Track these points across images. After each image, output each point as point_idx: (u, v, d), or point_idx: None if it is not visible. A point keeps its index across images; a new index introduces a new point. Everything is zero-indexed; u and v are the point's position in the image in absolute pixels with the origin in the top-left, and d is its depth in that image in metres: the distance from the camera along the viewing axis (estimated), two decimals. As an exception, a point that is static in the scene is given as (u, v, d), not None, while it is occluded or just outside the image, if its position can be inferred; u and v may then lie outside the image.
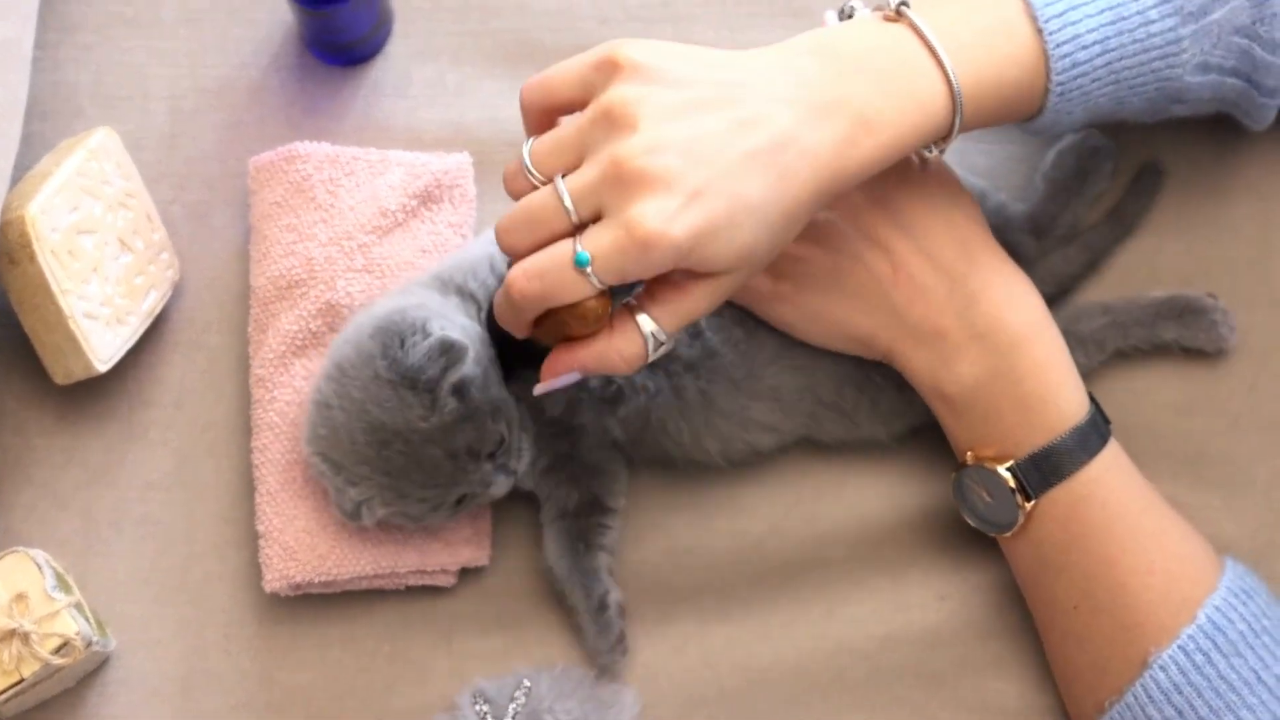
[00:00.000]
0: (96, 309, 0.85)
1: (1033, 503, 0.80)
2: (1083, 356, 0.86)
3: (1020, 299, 0.81)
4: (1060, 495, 0.79)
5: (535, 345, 0.77)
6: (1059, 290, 0.89)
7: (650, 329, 0.73)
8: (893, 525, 0.88)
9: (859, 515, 0.88)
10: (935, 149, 0.77)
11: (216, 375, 0.90)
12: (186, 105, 0.94)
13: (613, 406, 0.84)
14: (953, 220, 0.81)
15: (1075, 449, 0.79)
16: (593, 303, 0.72)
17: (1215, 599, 0.78)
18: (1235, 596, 0.78)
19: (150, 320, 0.89)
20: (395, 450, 0.79)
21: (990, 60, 0.75)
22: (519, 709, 0.83)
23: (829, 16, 0.80)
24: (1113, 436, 0.81)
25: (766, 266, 0.75)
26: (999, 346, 0.80)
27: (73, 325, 0.84)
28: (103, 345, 0.85)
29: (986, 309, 0.80)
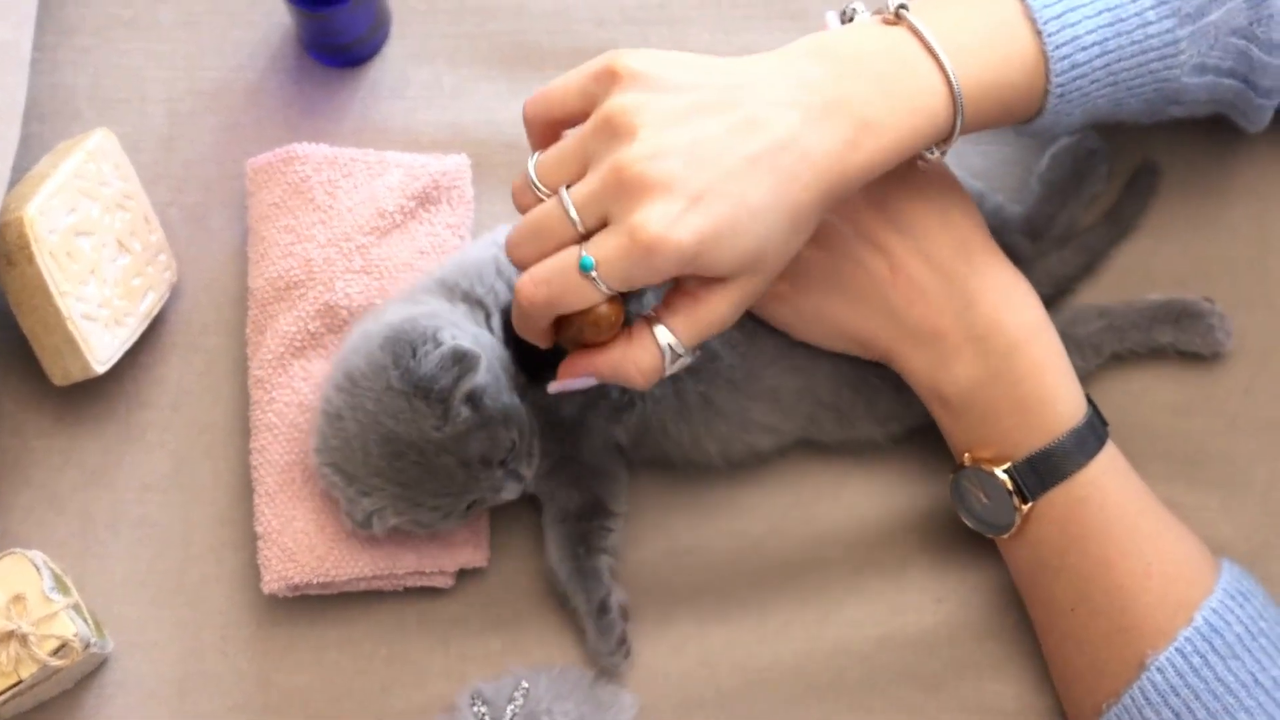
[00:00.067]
0: (94, 310, 0.85)
1: (1030, 504, 0.80)
2: (1079, 360, 0.86)
3: (1019, 301, 0.81)
4: (1057, 497, 0.79)
5: (558, 353, 0.77)
6: (1056, 291, 0.89)
7: (667, 340, 0.74)
8: (891, 527, 0.88)
9: (857, 516, 0.88)
10: (937, 151, 0.77)
11: (214, 377, 0.90)
12: (184, 107, 0.94)
13: (620, 413, 0.84)
14: (951, 221, 0.81)
15: (1073, 451, 0.79)
16: (604, 309, 0.72)
17: (1212, 601, 0.78)
18: (1232, 599, 0.78)
19: (148, 322, 0.89)
20: (409, 460, 0.79)
21: (990, 62, 0.75)
22: (517, 710, 0.83)
23: (830, 17, 0.80)
24: (1110, 438, 0.81)
25: (779, 273, 0.75)
26: (997, 348, 0.80)
27: (71, 327, 0.84)
28: (101, 346, 0.85)
29: (985, 310, 0.80)
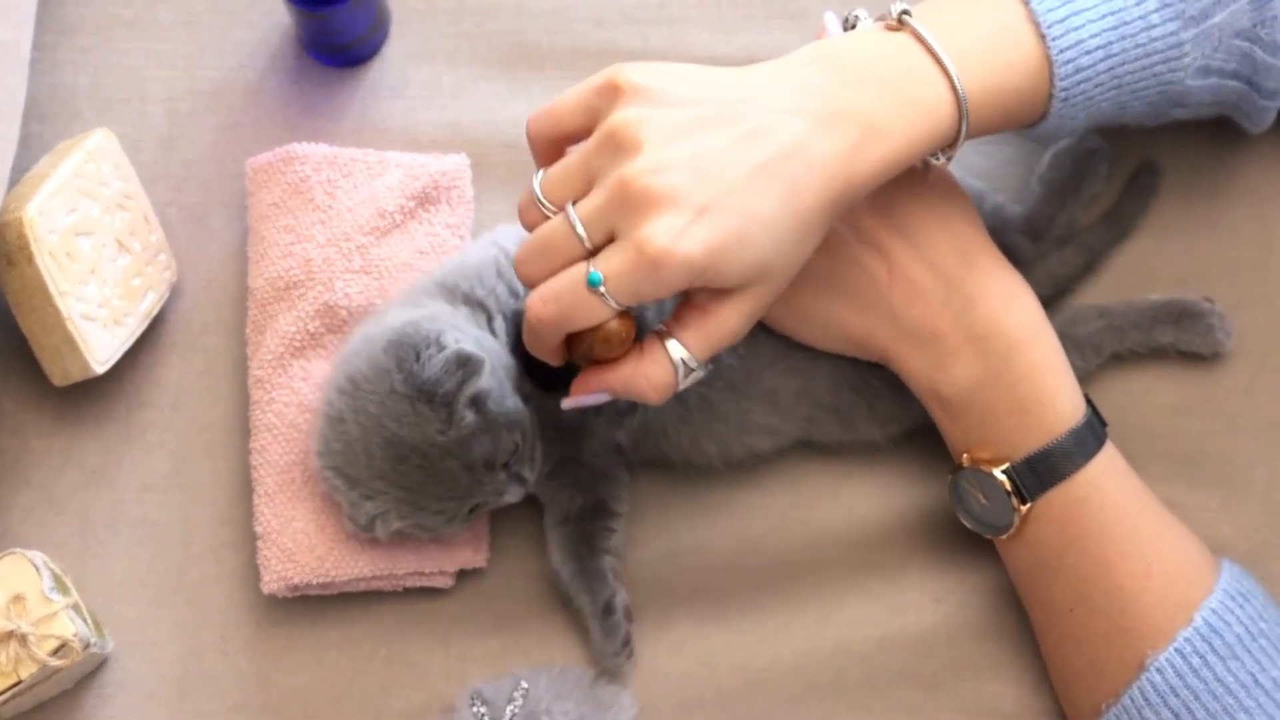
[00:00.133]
0: (94, 310, 0.85)
1: (1028, 505, 0.80)
2: (1079, 360, 0.86)
3: (1017, 302, 0.81)
4: (1056, 498, 0.79)
5: (570, 365, 0.77)
6: (1056, 291, 0.89)
7: (680, 355, 0.73)
8: (889, 527, 0.88)
9: (856, 517, 0.88)
10: (942, 157, 0.77)
11: (214, 377, 0.90)
12: (184, 107, 0.94)
13: (621, 416, 0.84)
14: (950, 223, 0.81)
15: (1072, 451, 0.79)
16: (614, 325, 0.72)
17: (1212, 602, 0.78)
18: (1232, 599, 0.78)
19: (148, 322, 0.89)
20: (412, 464, 0.79)
21: (995, 67, 0.75)
22: (516, 710, 0.83)
23: (828, 17, 0.80)
24: (1109, 438, 0.81)
25: (790, 282, 0.74)
26: (995, 349, 0.80)
27: (70, 327, 0.84)
28: (100, 347, 0.85)
29: (983, 311, 0.80)
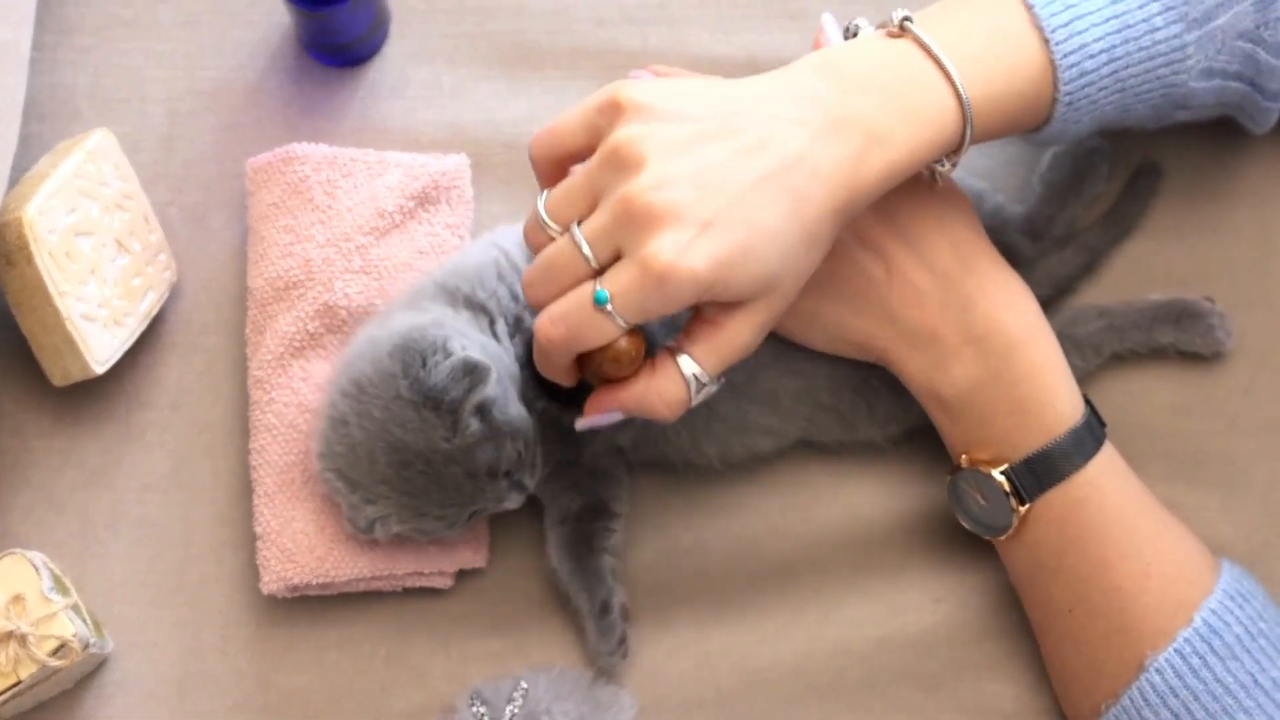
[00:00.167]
0: (94, 310, 0.85)
1: (1027, 506, 0.80)
2: (1079, 360, 0.86)
3: (1015, 303, 0.81)
4: (1055, 498, 0.79)
5: (585, 387, 0.77)
6: (1057, 291, 0.89)
7: (692, 370, 0.73)
8: (889, 527, 0.88)
9: (855, 518, 0.88)
10: (947, 164, 0.77)
11: (214, 377, 0.90)
12: (184, 107, 0.93)
13: (626, 421, 0.84)
14: (948, 224, 0.81)
15: (1070, 452, 0.79)
16: (624, 343, 0.72)
17: (1211, 602, 0.78)
18: (1232, 599, 0.78)
19: (148, 322, 0.89)
20: (415, 470, 0.79)
21: (998, 72, 0.75)
22: (516, 710, 0.83)
23: (826, 19, 0.79)
24: (1108, 439, 0.81)
25: (799, 291, 0.74)
26: (994, 350, 0.80)
27: (70, 327, 0.84)
28: (100, 347, 0.85)
29: (982, 312, 0.80)
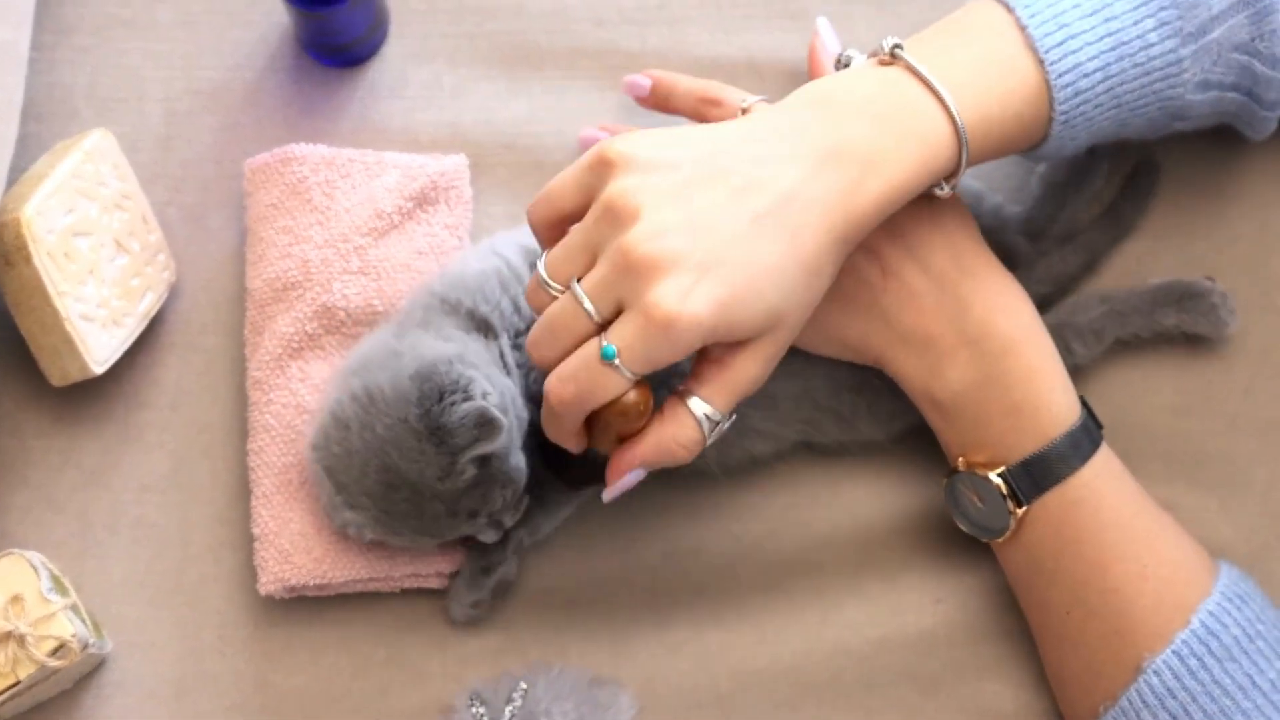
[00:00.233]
0: (93, 311, 0.85)
1: (1024, 508, 0.80)
2: (1082, 347, 0.86)
3: (1011, 305, 0.81)
4: (1052, 500, 0.79)
5: (591, 462, 0.77)
6: (1057, 290, 0.89)
7: (703, 411, 0.73)
8: (888, 529, 0.88)
9: (854, 519, 0.88)
10: (946, 187, 0.77)
11: (212, 377, 0.90)
12: (182, 107, 0.93)
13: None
14: (944, 227, 0.81)
15: (1067, 454, 0.79)
16: (632, 396, 0.72)
17: (1209, 603, 0.78)
18: (1229, 601, 0.78)
19: (146, 322, 0.88)
20: (401, 496, 0.79)
21: (992, 95, 0.75)
22: (515, 710, 0.83)
23: (821, 23, 0.80)
24: (1104, 440, 0.81)
25: (805, 322, 0.74)
26: (990, 352, 0.80)
27: (69, 327, 0.84)
28: (99, 347, 0.85)
29: (977, 315, 0.80)
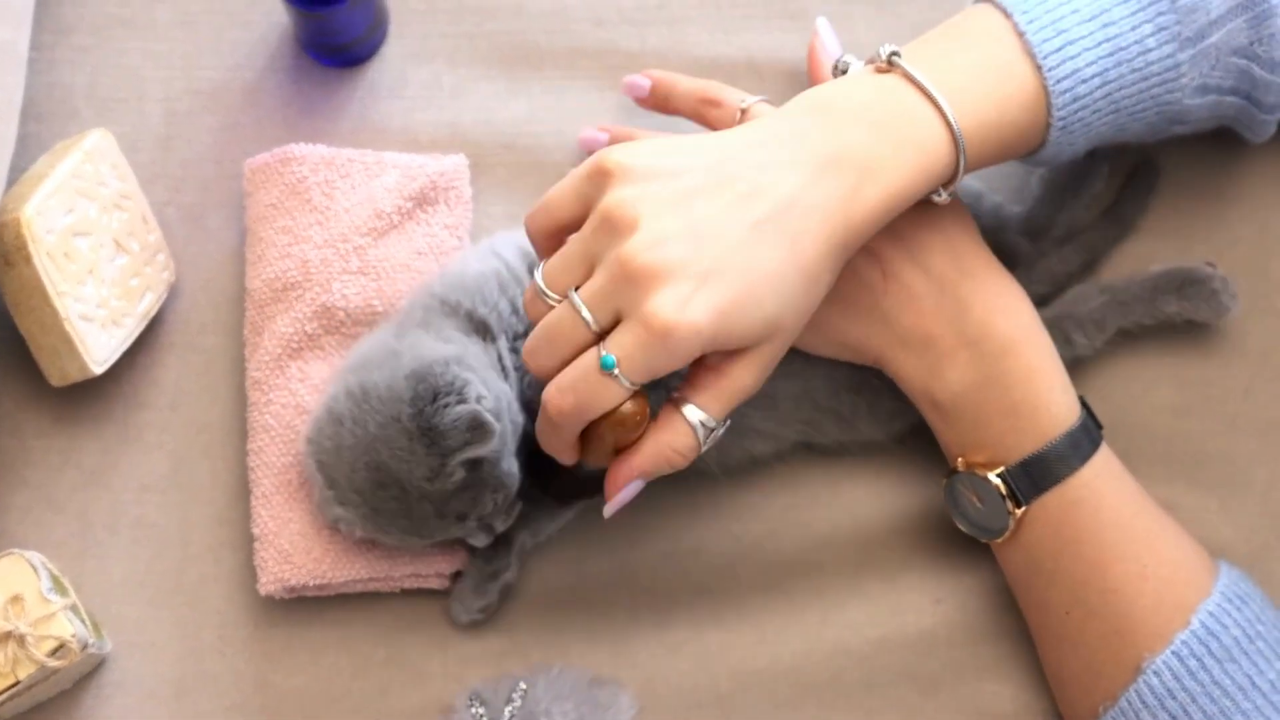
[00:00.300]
0: (92, 311, 0.85)
1: (1023, 509, 0.80)
2: (1083, 338, 0.86)
3: (1011, 306, 0.81)
4: (1051, 501, 0.79)
5: (582, 471, 0.77)
6: (1057, 290, 0.89)
7: (698, 418, 0.73)
8: (887, 529, 0.88)
9: (854, 519, 0.88)
10: (944, 193, 0.77)
11: (212, 377, 0.90)
12: (181, 107, 0.93)
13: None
14: (944, 228, 0.81)
15: (1066, 454, 0.79)
16: (629, 406, 0.72)
17: (1209, 604, 0.78)
18: (1229, 601, 0.78)
19: (146, 322, 0.88)
20: (390, 494, 0.79)
21: (990, 101, 0.75)
22: (515, 711, 0.83)
23: (821, 24, 0.80)
24: (1104, 441, 0.81)
25: (801, 329, 0.74)
26: (989, 353, 0.80)
27: (68, 327, 0.84)
28: (98, 347, 0.85)
29: (977, 316, 0.80)
